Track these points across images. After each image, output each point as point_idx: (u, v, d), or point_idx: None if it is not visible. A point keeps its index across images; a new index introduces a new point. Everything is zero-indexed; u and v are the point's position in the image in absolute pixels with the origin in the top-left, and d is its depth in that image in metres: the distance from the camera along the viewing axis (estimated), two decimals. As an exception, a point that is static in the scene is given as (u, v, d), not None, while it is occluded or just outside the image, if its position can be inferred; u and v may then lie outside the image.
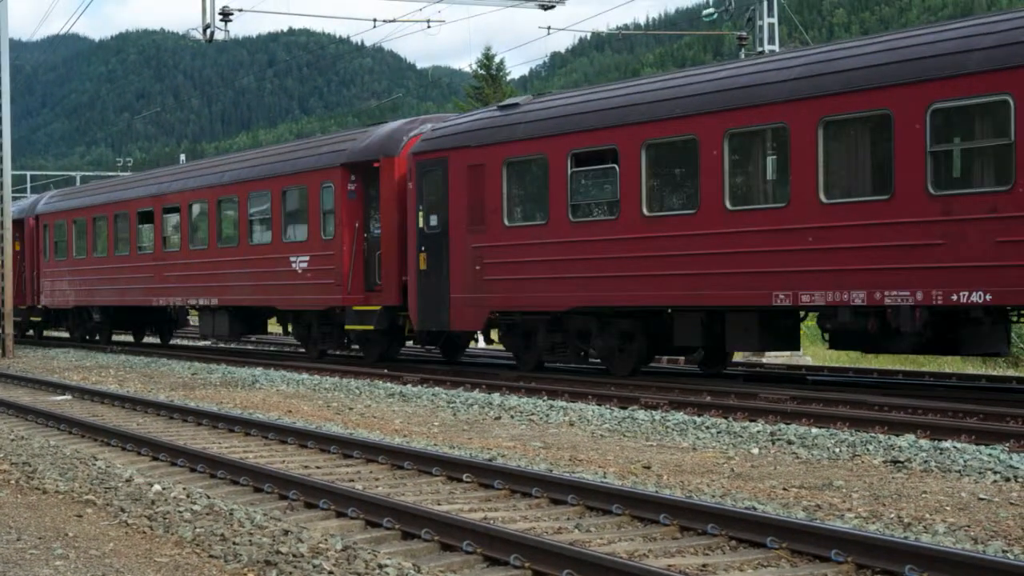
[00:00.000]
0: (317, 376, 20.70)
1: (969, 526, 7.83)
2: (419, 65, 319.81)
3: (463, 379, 18.84)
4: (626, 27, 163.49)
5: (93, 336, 35.08)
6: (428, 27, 33.94)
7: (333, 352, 25.02)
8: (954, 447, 10.96)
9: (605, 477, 9.87)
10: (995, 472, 9.88)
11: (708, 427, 12.99)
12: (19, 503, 9.25)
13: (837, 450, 11.27)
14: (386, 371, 20.88)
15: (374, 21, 33.12)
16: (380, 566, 6.76)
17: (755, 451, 11.54)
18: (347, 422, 14.43)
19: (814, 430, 12.31)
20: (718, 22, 37.01)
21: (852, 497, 8.99)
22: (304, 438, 12.42)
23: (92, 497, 9.33)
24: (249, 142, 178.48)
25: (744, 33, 33.19)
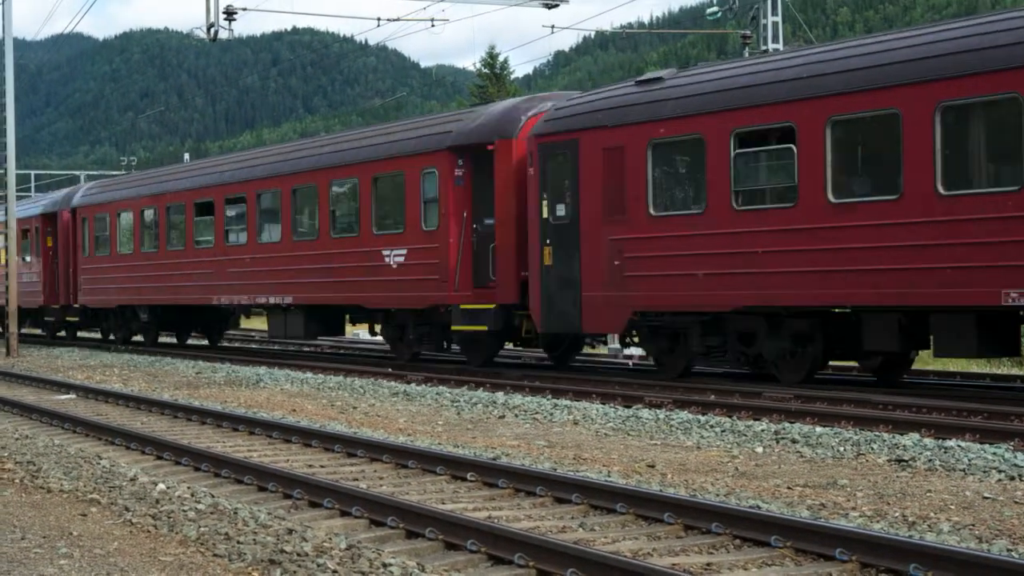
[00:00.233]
0: (321, 375, 20.71)
1: (974, 525, 7.83)
2: (423, 64, 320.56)
3: (467, 378, 18.84)
4: (630, 25, 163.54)
5: (126, 337, 32.65)
6: (432, 26, 34.02)
7: (429, 355, 23.26)
8: (958, 446, 10.95)
9: (609, 476, 9.87)
10: (1000, 471, 9.87)
11: (712, 426, 12.98)
12: (23, 502, 9.26)
13: (841, 449, 11.26)
14: (390, 370, 20.87)
15: (378, 20, 33.20)
16: (384, 565, 6.76)
17: (759, 450, 11.54)
18: (351, 421, 14.44)
19: (818, 429, 12.31)
20: (722, 21, 37.05)
21: (856, 496, 8.99)
22: (308, 437, 12.43)
23: (96, 496, 9.34)
24: (253, 141, 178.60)
25: (748, 32, 33.25)
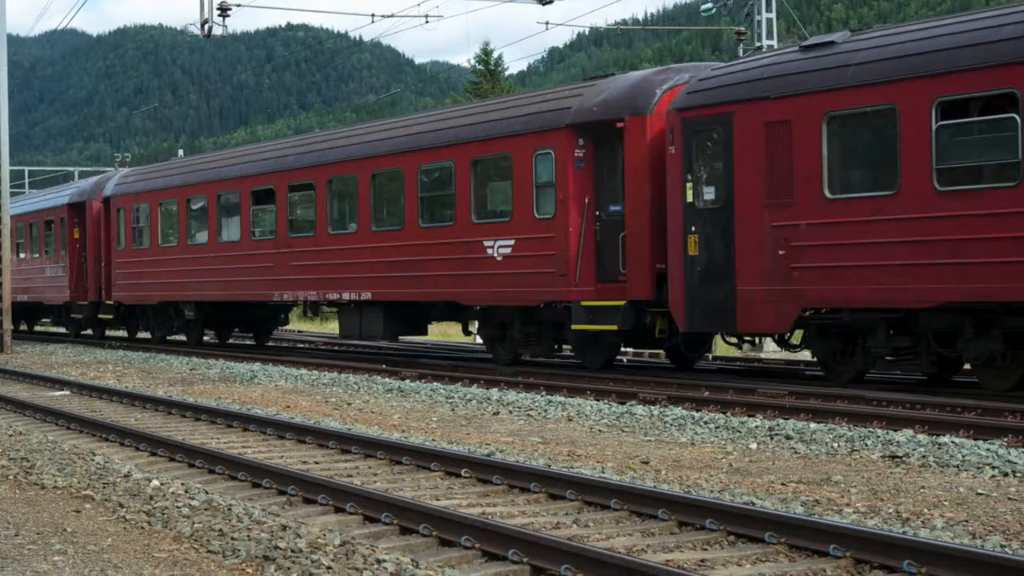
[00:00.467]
0: (316, 372, 20.70)
1: (967, 521, 7.84)
2: (417, 60, 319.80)
3: (461, 374, 18.83)
4: (624, 22, 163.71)
5: (164, 337, 30.51)
6: (426, 22, 34.13)
7: (535, 358, 20.93)
8: (952, 442, 10.97)
9: (603, 472, 9.87)
10: (993, 467, 9.89)
11: (706, 422, 12.99)
12: (17, 498, 9.25)
13: (835, 445, 11.28)
14: (384, 366, 20.86)
15: (372, 16, 33.26)
16: (378, 561, 6.76)
17: (753, 446, 11.55)
18: (345, 417, 14.43)
19: (812, 425, 12.31)
20: (716, 17, 37.07)
21: (850, 492, 9.00)
22: (302, 433, 12.42)
23: (90, 492, 9.33)
24: (247, 137, 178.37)
25: (743, 28, 33.24)
